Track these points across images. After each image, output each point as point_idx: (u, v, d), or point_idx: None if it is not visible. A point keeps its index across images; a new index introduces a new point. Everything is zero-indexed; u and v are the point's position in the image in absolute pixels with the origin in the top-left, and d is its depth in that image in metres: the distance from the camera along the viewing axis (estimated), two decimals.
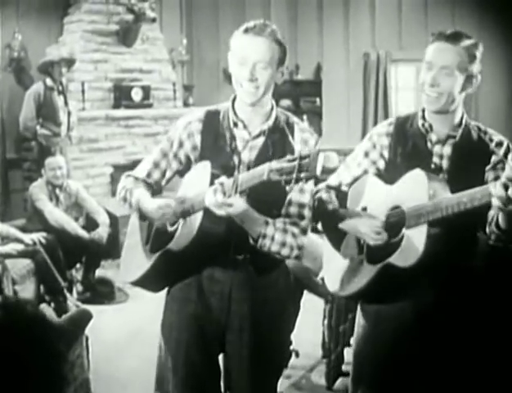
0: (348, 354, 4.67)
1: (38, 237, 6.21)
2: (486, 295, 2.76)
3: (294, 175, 2.29)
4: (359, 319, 2.94)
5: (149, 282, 2.89)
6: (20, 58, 8.70)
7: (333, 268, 2.97)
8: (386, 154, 2.88)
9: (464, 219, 2.49)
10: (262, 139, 2.74)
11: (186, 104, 10.27)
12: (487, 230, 2.60)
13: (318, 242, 4.52)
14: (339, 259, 2.93)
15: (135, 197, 2.88)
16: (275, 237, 2.66)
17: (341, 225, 2.86)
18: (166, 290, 2.95)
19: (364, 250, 2.82)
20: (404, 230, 2.64)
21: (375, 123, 10.87)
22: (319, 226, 3.01)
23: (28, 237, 6.16)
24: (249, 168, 2.69)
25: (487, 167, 2.71)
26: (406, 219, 2.63)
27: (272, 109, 2.80)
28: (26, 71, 8.81)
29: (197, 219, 2.62)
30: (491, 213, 2.56)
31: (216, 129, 2.78)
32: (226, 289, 2.77)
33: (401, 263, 2.58)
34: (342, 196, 2.96)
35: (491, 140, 2.77)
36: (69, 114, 8.19)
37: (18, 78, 8.78)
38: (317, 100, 10.98)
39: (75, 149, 8.70)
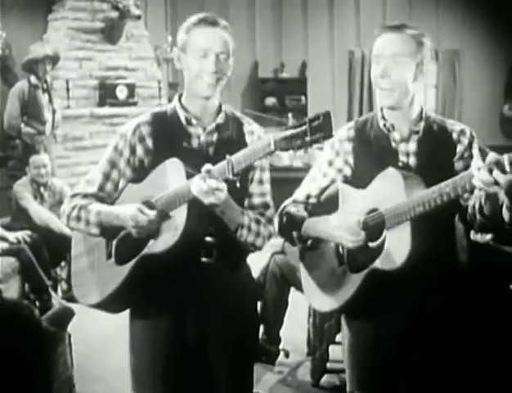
0: (333, 351, 4.70)
1: (23, 235, 6.19)
2: (473, 293, 2.73)
3: (309, 138, 2.21)
4: (344, 330, 2.86)
5: (117, 298, 2.69)
6: (4, 56, 8.66)
7: (312, 284, 2.87)
8: (351, 160, 2.79)
9: (445, 211, 2.44)
10: (216, 135, 2.70)
11: (170, 102, 10.22)
12: (469, 219, 2.55)
13: None
14: (318, 274, 2.84)
15: (93, 212, 2.68)
16: (251, 226, 2.64)
17: (314, 233, 2.77)
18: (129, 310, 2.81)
19: (345, 260, 2.71)
20: (385, 232, 2.55)
21: None
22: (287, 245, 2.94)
23: (12, 236, 6.14)
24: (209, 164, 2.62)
25: (455, 158, 2.67)
26: (386, 220, 2.54)
27: (221, 104, 2.75)
28: (10, 69, 8.76)
29: (181, 216, 2.50)
30: (471, 203, 2.52)
31: (167, 130, 2.70)
32: (202, 292, 2.66)
33: (388, 266, 2.50)
34: (312, 209, 2.84)
35: (454, 130, 2.72)
36: (53, 112, 8.16)
37: (2, 76, 8.74)
38: (302, 98, 11.01)
39: (60, 147, 8.68)
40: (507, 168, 2.16)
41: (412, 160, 2.69)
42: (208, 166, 2.41)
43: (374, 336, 2.72)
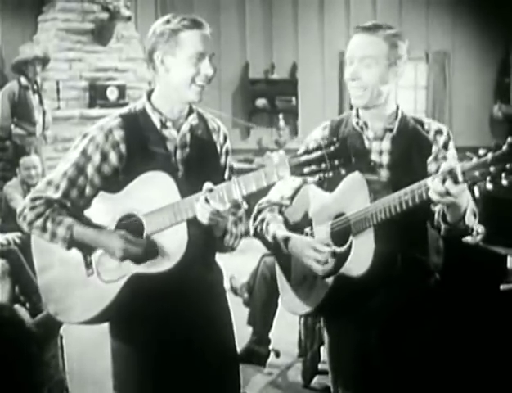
0: (324, 352, 4.70)
1: (13, 236, 6.17)
2: (447, 294, 2.72)
3: (328, 164, 2.17)
4: (326, 334, 2.87)
5: (108, 316, 2.61)
6: None
7: (286, 287, 2.88)
8: None
9: (413, 215, 2.41)
10: (189, 135, 2.62)
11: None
12: (436, 224, 2.54)
13: None
14: (293, 278, 2.84)
15: (64, 226, 2.53)
16: (232, 231, 2.63)
17: (289, 251, 2.73)
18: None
19: None
20: (351, 237, 2.54)
21: None
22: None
23: (2, 237, 6.12)
24: (187, 167, 2.58)
25: (429, 158, 2.64)
26: (352, 225, 2.53)
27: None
28: (0, 70, 8.74)
29: (181, 237, 2.41)
30: (437, 208, 2.51)
31: (139, 133, 2.57)
32: (190, 301, 2.61)
33: (354, 272, 2.49)
34: (285, 211, 2.85)
35: (430, 129, 2.69)
36: (43, 113, 8.15)
37: None
38: (293, 99, 11.00)
39: (50, 148, 8.66)
40: (459, 178, 2.17)
41: (385, 159, 2.67)
42: (209, 185, 2.34)
43: (350, 339, 2.72)
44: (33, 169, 6.74)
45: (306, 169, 2.21)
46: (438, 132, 2.68)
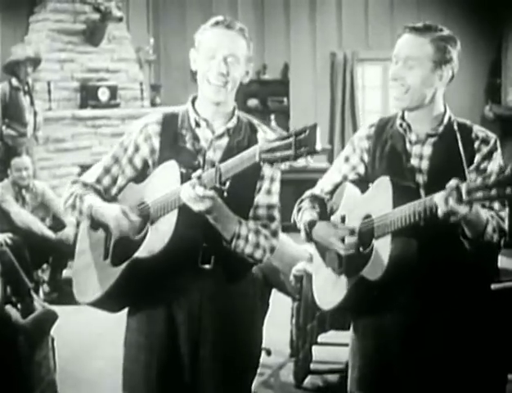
0: (317, 352, 4.71)
1: (4, 237, 6.16)
2: (455, 294, 2.70)
3: (293, 152, 2.14)
4: (351, 332, 2.85)
5: (112, 299, 2.67)
6: None
7: (319, 279, 2.88)
8: (366, 157, 2.76)
9: (440, 227, 2.37)
10: (226, 139, 2.64)
11: (153, 104, 10.21)
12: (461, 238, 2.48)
13: (284, 241, 4.55)
14: (325, 271, 2.83)
15: (86, 203, 2.68)
16: (249, 237, 2.55)
17: (314, 237, 2.77)
18: (127, 310, 2.77)
19: (343, 263, 2.70)
20: (374, 241, 2.54)
21: (343, 122, 10.95)
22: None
23: None
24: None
25: (471, 168, 2.58)
26: (375, 228, 2.53)
27: (234, 109, 2.69)
28: None
29: (170, 222, 2.46)
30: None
31: (175, 131, 2.65)
32: (195, 303, 2.61)
33: (372, 276, 2.49)
34: (328, 204, 2.87)
35: (477, 137, 2.63)
36: (35, 114, 8.13)
37: None
38: (285, 99, 11.01)
39: (41, 149, 8.64)
40: (464, 197, 2.17)
41: (425, 164, 2.62)
42: (198, 172, 2.36)
43: (374, 338, 2.73)
44: (25, 171, 6.73)
45: (271, 155, 2.19)
46: (484, 141, 2.62)
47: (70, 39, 9.22)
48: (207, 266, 2.58)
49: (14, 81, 7.98)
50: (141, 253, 2.52)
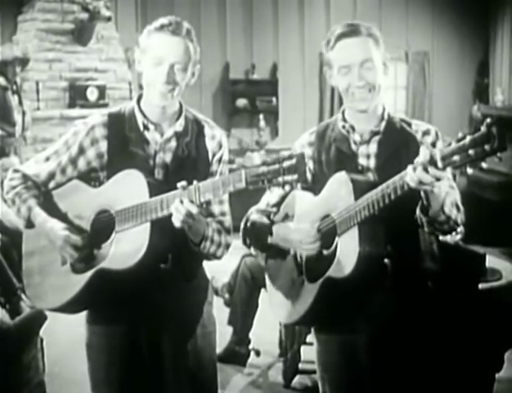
0: (305, 352, 4.71)
1: None
2: (440, 293, 2.70)
3: (281, 179, 2.16)
4: (315, 344, 2.81)
5: (74, 306, 2.66)
6: None
7: (275, 295, 2.81)
8: (311, 165, 2.72)
9: (399, 215, 2.37)
10: (174, 140, 2.64)
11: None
12: (419, 221, 2.45)
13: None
14: (281, 285, 2.78)
15: (26, 206, 2.67)
16: (214, 238, 2.60)
17: (272, 239, 2.72)
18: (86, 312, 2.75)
19: (303, 270, 2.66)
20: (337, 238, 2.50)
21: None
22: (253, 252, 2.89)
23: None
24: (167, 172, 2.60)
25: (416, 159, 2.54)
26: (337, 225, 2.49)
27: (181, 108, 2.68)
28: None
29: (143, 235, 2.43)
30: (419, 204, 2.42)
31: (123, 133, 2.63)
32: (158, 307, 2.64)
33: (339, 274, 2.43)
34: (273, 218, 2.79)
35: (418, 130, 2.62)
36: (23, 114, 8.11)
37: None
38: (273, 99, 11.00)
39: (30, 149, 8.60)
40: (439, 164, 2.14)
41: (372, 162, 2.62)
42: (183, 183, 2.36)
43: (339, 347, 2.67)
44: None
45: (260, 183, 2.20)
46: (426, 132, 2.62)
47: (59, 39, 9.20)
48: (165, 265, 2.58)
49: (2, 81, 7.95)
50: (108, 264, 2.50)
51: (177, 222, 2.36)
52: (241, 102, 10.91)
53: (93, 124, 2.68)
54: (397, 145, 2.61)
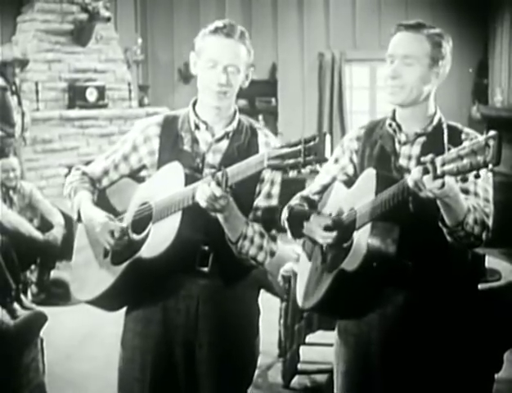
0: (304, 352, 4.72)
1: None
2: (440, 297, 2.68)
3: (302, 159, 2.17)
4: (335, 335, 2.81)
5: (110, 298, 2.67)
6: None
7: (303, 279, 2.84)
8: (355, 158, 2.75)
9: (423, 216, 2.37)
10: (226, 142, 2.66)
11: (141, 104, 10.20)
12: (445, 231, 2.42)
13: None
14: (309, 270, 2.81)
15: (77, 199, 2.74)
16: (254, 239, 2.58)
17: (304, 230, 2.72)
18: (125, 310, 2.77)
19: (326, 259, 2.68)
20: (355, 233, 2.52)
21: (331, 122, 10.96)
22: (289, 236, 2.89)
23: None
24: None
25: None
26: (356, 220, 2.51)
27: (235, 112, 2.71)
28: None
29: (173, 224, 2.46)
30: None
31: (175, 133, 2.69)
32: (193, 304, 2.63)
33: (350, 266, 2.46)
34: (316, 206, 2.82)
35: (466, 140, 2.57)
36: (22, 114, 8.10)
37: None
38: (273, 100, 11.01)
39: (29, 150, 8.61)
40: (438, 171, 2.14)
41: (412, 164, 2.59)
42: (212, 170, 2.41)
43: (354, 339, 2.70)
44: (12, 172, 6.71)
45: (279, 162, 2.22)
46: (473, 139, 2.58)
47: (58, 39, 9.20)
48: (205, 269, 2.59)
49: (1, 81, 7.94)
50: (142, 253, 2.53)
51: (201, 201, 2.37)
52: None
53: (148, 124, 2.75)
54: (440, 151, 2.47)
